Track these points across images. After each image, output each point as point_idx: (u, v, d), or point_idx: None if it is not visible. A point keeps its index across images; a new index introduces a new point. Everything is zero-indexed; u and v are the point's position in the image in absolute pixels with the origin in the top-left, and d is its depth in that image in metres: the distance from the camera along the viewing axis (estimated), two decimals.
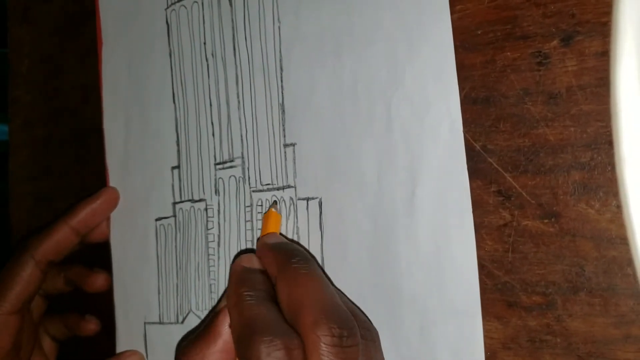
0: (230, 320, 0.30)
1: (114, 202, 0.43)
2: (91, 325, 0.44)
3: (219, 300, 0.33)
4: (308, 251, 0.35)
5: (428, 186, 0.31)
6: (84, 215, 0.42)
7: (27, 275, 0.40)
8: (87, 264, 0.44)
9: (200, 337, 0.30)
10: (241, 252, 0.38)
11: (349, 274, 0.33)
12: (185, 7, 0.41)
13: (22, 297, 0.40)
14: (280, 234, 0.36)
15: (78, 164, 0.50)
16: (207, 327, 0.30)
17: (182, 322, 0.41)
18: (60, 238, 0.41)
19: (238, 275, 0.31)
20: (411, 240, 0.31)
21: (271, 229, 0.34)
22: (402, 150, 0.32)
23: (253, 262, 0.32)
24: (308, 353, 0.27)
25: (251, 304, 0.29)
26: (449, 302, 0.30)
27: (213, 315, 0.31)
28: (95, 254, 0.45)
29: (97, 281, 0.43)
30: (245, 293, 0.29)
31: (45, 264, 0.41)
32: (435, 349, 0.31)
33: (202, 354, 0.30)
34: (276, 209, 0.35)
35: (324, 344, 0.26)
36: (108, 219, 0.44)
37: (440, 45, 0.31)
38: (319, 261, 0.35)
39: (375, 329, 0.31)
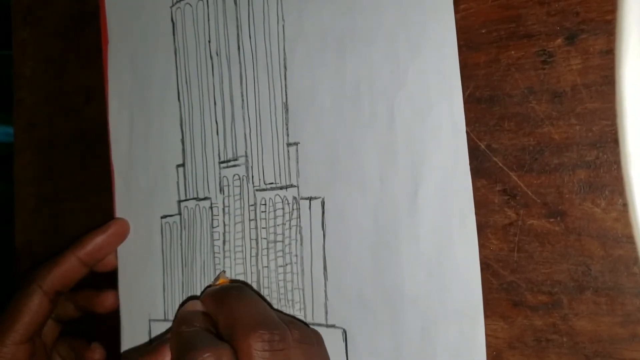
0: (171, 354, 0.32)
1: (123, 235, 0.43)
2: (96, 355, 0.44)
3: (168, 331, 0.36)
4: (244, 282, 0.38)
5: (430, 186, 0.31)
6: (92, 247, 0.42)
7: (35, 305, 0.41)
8: None
9: (148, 354, 0.33)
10: (188, 299, 0.39)
11: (350, 273, 0.33)
12: (191, 5, 0.41)
13: (31, 327, 0.41)
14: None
15: (82, 165, 0.50)
16: (151, 350, 0.33)
17: None
18: (68, 269, 0.42)
19: (180, 318, 0.33)
20: (413, 240, 0.31)
21: None
22: (405, 150, 0.32)
23: (195, 306, 0.34)
24: None
25: (187, 336, 0.31)
26: (451, 303, 0.30)
27: (158, 342, 0.34)
28: None
29: (106, 301, 0.44)
30: (184, 329, 0.32)
31: (53, 294, 0.41)
32: (436, 350, 0.30)
33: None
34: (225, 277, 0.37)
35: (256, 349, 0.29)
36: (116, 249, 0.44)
37: (443, 44, 0.31)
38: (321, 260, 0.35)
39: (318, 334, 0.34)
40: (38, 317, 0.41)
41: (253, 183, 0.38)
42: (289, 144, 0.36)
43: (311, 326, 0.35)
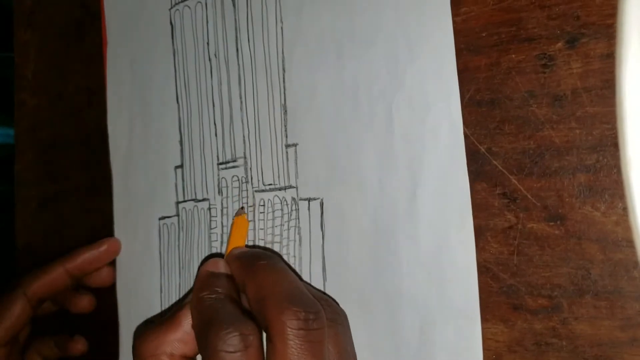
0: (192, 321, 0.31)
1: (114, 253, 0.44)
2: (79, 346, 0.45)
3: (185, 296, 0.35)
4: (274, 251, 0.36)
5: (429, 187, 0.31)
6: (81, 261, 0.43)
7: (17, 310, 0.42)
8: None
9: (160, 325, 0.31)
10: (209, 257, 0.38)
11: (349, 274, 0.33)
12: (189, 7, 0.41)
13: (11, 331, 0.42)
14: (249, 246, 0.36)
15: (83, 166, 0.50)
16: (168, 317, 0.31)
17: None
18: (55, 279, 0.42)
19: (201, 279, 0.32)
20: (412, 241, 0.31)
21: (238, 239, 0.35)
22: (403, 151, 0.32)
23: (219, 266, 0.33)
24: (275, 340, 0.27)
25: (210, 304, 0.30)
26: (449, 303, 0.30)
27: (177, 309, 0.32)
28: None
29: (81, 302, 0.45)
30: (206, 296, 0.30)
31: (36, 301, 0.42)
32: (434, 350, 0.31)
33: (159, 340, 0.30)
34: (241, 213, 0.36)
35: (290, 327, 0.27)
36: (112, 268, 0.45)
37: (441, 46, 0.31)
38: (320, 261, 0.35)
39: (344, 313, 0.32)
40: (19, 322, 0.42)
41: (252, 184, 0.38)
42: (287, 145, 0.36)
43: None
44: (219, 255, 0.37)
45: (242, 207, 0.37)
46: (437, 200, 0.31)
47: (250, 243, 0.38)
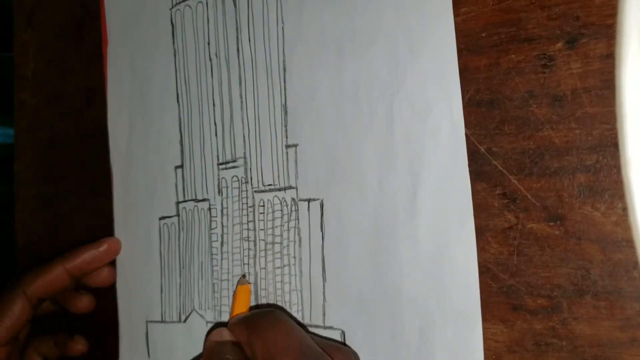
0: None
1: (114, 253, 0.44)
2: (79, 346, 0.45)
3: None
4: (277, 306, 0.36)
5: (429, 188, 0.31)
6: (80, 261, 0.43)
7: (17, 310, 0.42)
8: None
9: None
10: (213, 327, 0.38)
11: (349, 275, 0.33)
12: (190, 7, 0.41)
13: (11, 330, 0.42)
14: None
15: (83, 167, 0.50)
16: None
17: (185, 321, 0.41)
18: (54, 278, 0.43)
19: (208, 349, 0.32)
20: (412, 242, 0.31)
21: (241, 306, 0.35)
22: (404, 152, 0.32)
23: (223, 335, 0.33)
24: None
25: None
26: (449, 304, 0.30)
27: None
28: None
29: (81, 302, 0.45)
30: None
31: (35, 300, 0.42)
32: (434, 351, 0.31)
33: None
34: (244, 282, 0.36)
35: None
36: (112, 268, 0.45)
37: (442, 47, 0.31)
38: (320, 262, 0.35)
39: (356, 355, 0.32)
40: (19, 321, 0.42)
41: (252, 185, 0.38)
42: (287, 146, 0.36)
43: (309, 328, 0.35)
44: (222, 324, 0.37)
45: (244, 276, 0.38)
46: (437, 200, 0.31)
47: (251, 244, 0.38)
